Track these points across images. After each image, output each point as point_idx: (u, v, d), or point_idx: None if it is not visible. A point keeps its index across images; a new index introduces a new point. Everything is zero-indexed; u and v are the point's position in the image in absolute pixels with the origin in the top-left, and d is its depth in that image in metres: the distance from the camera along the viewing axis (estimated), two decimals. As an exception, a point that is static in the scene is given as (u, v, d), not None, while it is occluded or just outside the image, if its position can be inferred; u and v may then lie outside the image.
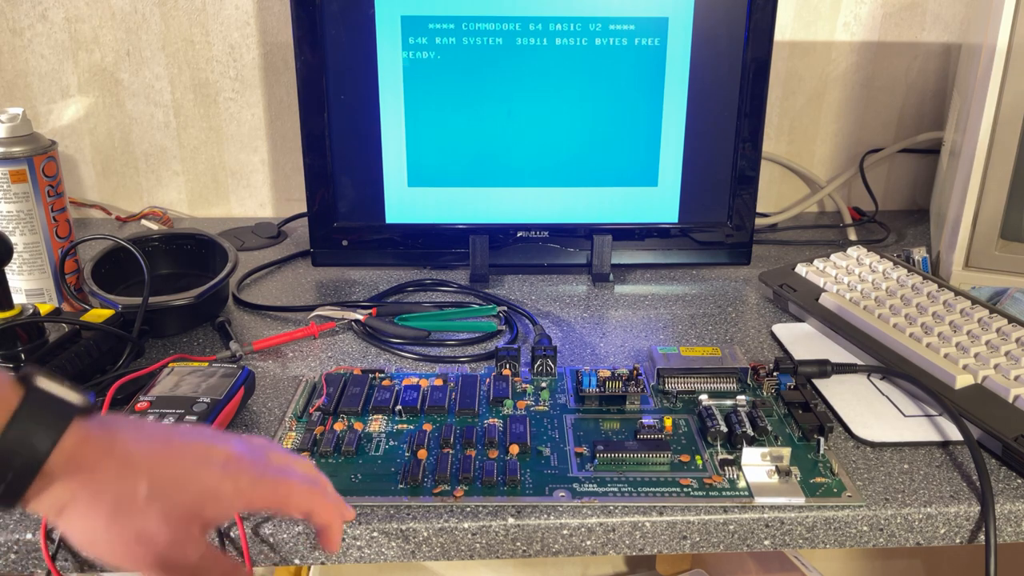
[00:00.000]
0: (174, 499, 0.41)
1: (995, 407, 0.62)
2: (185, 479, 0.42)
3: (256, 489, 0.44)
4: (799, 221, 1.13)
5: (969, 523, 0.56)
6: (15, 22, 1.02)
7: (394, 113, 0.88)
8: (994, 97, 0.77)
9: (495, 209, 0.91)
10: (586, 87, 0.87)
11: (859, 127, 1.14)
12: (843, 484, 0.57)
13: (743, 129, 0.89)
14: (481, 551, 0.55)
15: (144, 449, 0.41)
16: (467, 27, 0.85)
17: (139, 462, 0.41)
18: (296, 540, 0.53)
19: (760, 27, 0.86)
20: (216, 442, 0.44)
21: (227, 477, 0.43)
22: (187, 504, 0.41)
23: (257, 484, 0.44)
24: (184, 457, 0.42)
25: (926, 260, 0.88)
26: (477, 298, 0.87)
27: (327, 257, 0.93)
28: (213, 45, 1.04)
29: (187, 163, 1.10)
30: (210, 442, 0.44)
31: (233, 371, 0.64)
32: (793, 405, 0.65)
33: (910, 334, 0.71)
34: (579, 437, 0.62)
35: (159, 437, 0.43)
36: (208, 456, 0.43)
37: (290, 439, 0.61)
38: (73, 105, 1.06)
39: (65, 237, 0.80)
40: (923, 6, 1.08)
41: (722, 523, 0.55)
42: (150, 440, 0.42)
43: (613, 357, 0.75)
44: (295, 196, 1.12)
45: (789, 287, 0.83)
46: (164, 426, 0.46)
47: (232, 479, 0.43)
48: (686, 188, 0.92)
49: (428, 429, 0.62)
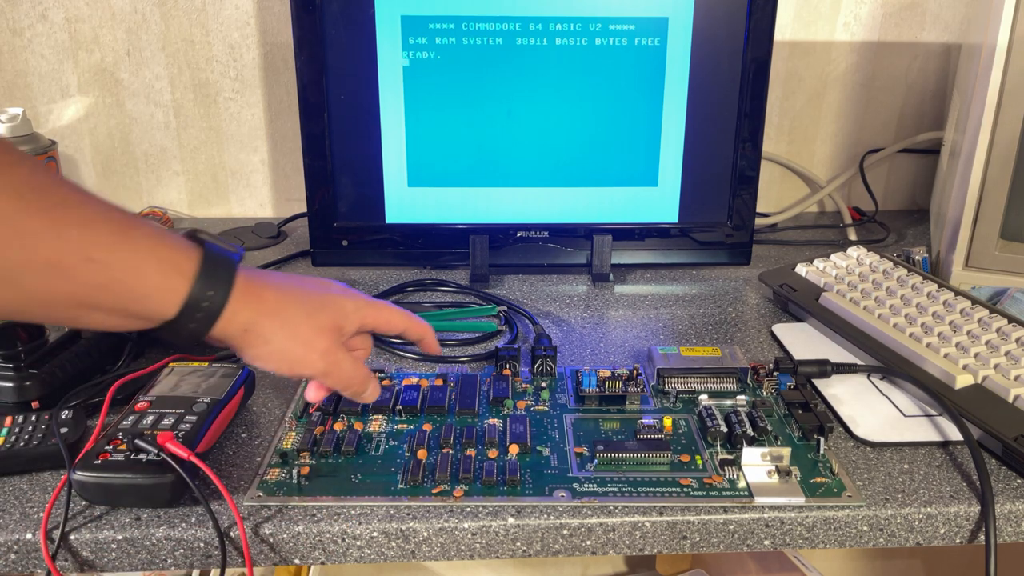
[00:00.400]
0: (321, 315, 0.53)
1: (995, 407, 0.62)
2: (325, 302, 0.54)
3: (367, 307, 0.57)
4: (799, 221, 1.13)
5: (969, 523, 0.56)
6: (15, 22, 1.02)
7: (394, 113, 0.88)
8: (994, 97, 0.77)
9: (495, 209, 0.91)
10: (586, 87, 0.87)
11: (859, 127, 1.14)
12: (843, 484, 0.57)
13: (743, 129, 0.89)
14: (481, 551, 0.55)
15: (290, 284, 0.54)
16: (467, 27, 0.85)
17: (291, 291, 0.53)
18: (296, 540, 0.53)
19: (760, 27, 0.86)
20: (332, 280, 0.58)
21: (347, 298, 0.56)
22: (330, 318, 0.54)
23: (367, 304, 0.57)
24: (317, 287, 0.55)
25: (926, 260, 0.88)
26: (477, 298, 0.87)
27: (327, 257, 0.93)
28: (213, 45, 1.04)
29: (187, 163, 1.10)
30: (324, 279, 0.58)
31: (233, 371, 0.64)
32: (793, 405, 0.65)
33: (910, 334, 0.71)
34: (579, 437, 0.62)
35: (296, 276, 0.55)
36: (329, 286, 0.57)
37: (290, 439, 0.61)
38: (73, 105, 1.06)
39: (65, 237, 0.80)
40: (923, 6, 1.08)
41: (722, 523, 0.55)
42: (290, 278, 0.54)
43: (613, 357, 0.75)
44: (295, 196, 1.12)
45: (789, 287, 0.83)
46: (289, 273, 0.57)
47: (350, 299, 0.56)
48: (686, 188, 0.92)
49: (428, 429, 0.62)
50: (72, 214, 0.43)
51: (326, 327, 0.53)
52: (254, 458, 0.60)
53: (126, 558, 0.53)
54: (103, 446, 0.54)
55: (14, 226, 0.40)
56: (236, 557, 0.53)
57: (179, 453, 0.53)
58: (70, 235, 0.42)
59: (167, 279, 0.46)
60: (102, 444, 0.55)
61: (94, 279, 0.43)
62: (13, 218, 0.40)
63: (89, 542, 0.53)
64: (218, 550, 0.52)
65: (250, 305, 0.49)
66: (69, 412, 0.60)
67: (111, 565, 0.53)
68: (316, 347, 0.52)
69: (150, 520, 0.53)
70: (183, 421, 0.57)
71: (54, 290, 0.43)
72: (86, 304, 0.44)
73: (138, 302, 0.45)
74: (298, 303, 0.52)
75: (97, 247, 0.43)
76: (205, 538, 0.53)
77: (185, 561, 0.54)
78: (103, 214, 0.44)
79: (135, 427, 0.56)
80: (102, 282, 0.44)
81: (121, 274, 0.44)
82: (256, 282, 0.50)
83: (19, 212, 0.40)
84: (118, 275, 0.44)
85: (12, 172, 0.41)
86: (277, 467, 0.58)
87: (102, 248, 0.43)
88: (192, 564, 0.54)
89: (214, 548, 0.53)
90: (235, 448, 0.61)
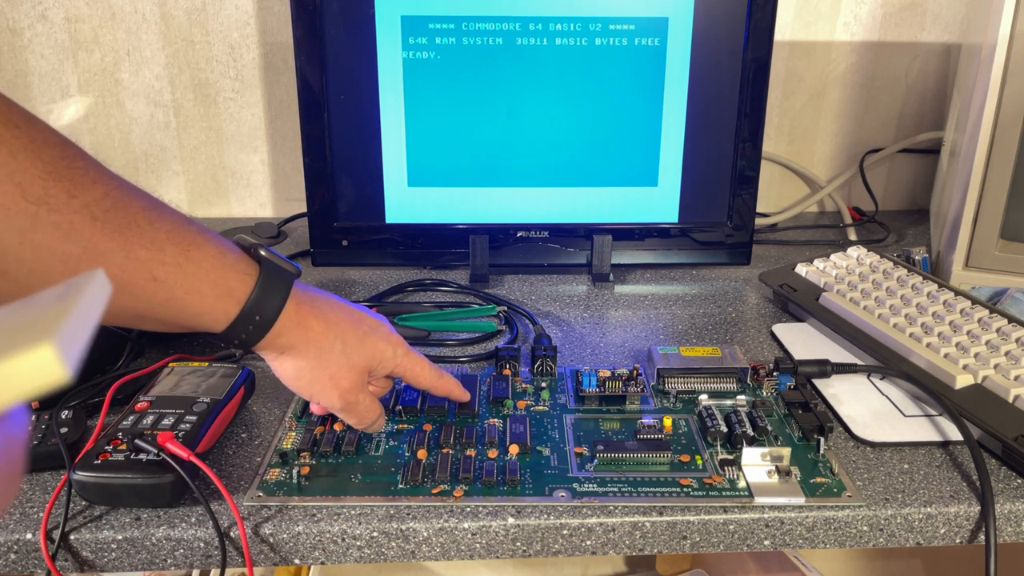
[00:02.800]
0: (357, 355, 0.55)
1: (995, 407, 0.62)
2: (365, 342, 0.55)
3: (405, 359, 0.58)
4: (799, 221, 1.13)
5: (969, 523, 0.56)
6: (15, 22, 1.02)
7: (394, 113, 0.88)
8: (994, 97, 0.77)
9: (495, 209, 0.91)
10: (586, 87, 0.87)
11: (859, 127, 1.14)
12: (843, 484, 0.57)
13: (743, 129, 0.89)
14: (481, 551, 0.55)
15: (339, 316, 0.54)
16: (467, 27, 0.85)
17: (336, 324, 0.54)
18: (296, 540, 0.53)
19: (760, 27, 0.86)
20: (380, 319, 0.58)
21: (389, 345, 0.57)
22: (364, 359, 0.55)
23: (406, 355, 0.58)
24: (363, 325, 0.56)
25: (926, 260, 0.88)
26: (477, 298, 0.87)
27: (327, 257, 0.93)
28: (213, 45, 1.04)
29: (187, 163, 1.10)
30: (377, 319, 0.58)
31: (233, 371, 0.64)
32: (793, 405, 0.65)
33: (910, 334, 0.71)
34: (579, 437, 0.62)
35: (347, 308, 0.56)
36: (377, 328, 0.57)
37: (290, 439, 0.61)
38: (73, 105, 1.06)
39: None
40: (923, 6, 1.08)
41: (722, 523, 0.55)
42: (341, 309, 0.55)
43: (613, 357, 0.75)
44: (295, 196, 1.12)
45: (789, 287, 0.83)
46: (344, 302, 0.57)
47: (392, 347, 0.57)
48: (686, 188, 0.92)
49: (428, 429, 0.62)
50: (142, 234, 0.45)
51: (358, 366, 0.55)
52: (254, 458, 0.60)
53: (126, 558, 0.53)
54: (103, 446, 0.54)
55: (87, 246, 0.42)
56: (236, 557, 0.53)
57: (179, 453, 0.53)
58: (138, 255, 0.45)
59: (220, 301, 0.48)
60: (102, 444, 0.55)
61: (156, 297, 0.46)
62: (86, 238, 0.42)
63: (89, 542, 0.53)
64: (218, 550, 0.52)
65: (294, 332, 0.52)
66: (69, 412, 0.60)
67: (111, 565, 0.53)
68: (340, 384, 0.54)
69: (150, 520, 0.53)
70: (183, 421, 0.57)
71: (119, 304, 0.45)
72: (146, 317, 0.47)
73: (192, 319, 0.48)
74: (339, 338, 0.54)
75: (162, 267, 0.46)
76: (205, 538, 0.53)
77: (185, 561, 0.54)
78: (169, 234, 0.46)
79: (135, 427, 0.56)
80: (162, 300, 0.46)
81: (180, 293, 0.47)
82: (305, 308, 0.53)
83: (93, 233, 0.43)
84: (178, 294, 0.47)
85: (89, 192, 0.43)
86: (277, 467, 0.58)
87: (165, 268, 0.46)
88: (192, 564, 0.54)
89: (214, 548, 0.53)
90: (235, 448, 0.61)
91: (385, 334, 0.57)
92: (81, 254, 0.42)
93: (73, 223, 0.42)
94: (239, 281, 0.49)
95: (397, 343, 0.58)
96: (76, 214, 0.42)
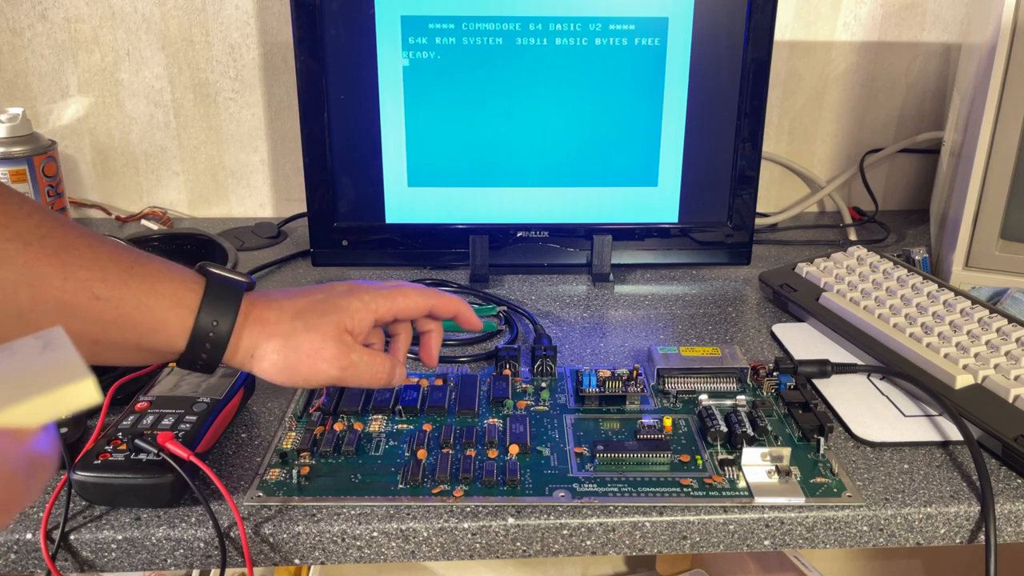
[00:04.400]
0: (322, 323, 0.53)
1: (995, 407, 0.62)
2: (326, 309, 0.54)
3: (378, 299, 0.56)
4: (799, 221, 1.13)
5: (969, 523, 0.56)
6: (15, 22, 1.02)
7: (394, 113, 0.87)
8: (994, 97, 0.77)
9: (495, 209, 0.91)
10: (586, 87, 0.87)
11: (859, 127, 1.14)
12: (843, 484, 0.57)
13: (743, 129, 0.89)
14: (481, 551, 0.55)
15: (293, 300, 0.54)
16: (467, 27, 0.85)
17: (291, 307, 0.53)
18: (296, 540, 0.53)
19: (760, 27, 0.86)
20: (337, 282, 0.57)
21: (354, 298, 0.55)
22: (332, 323, 0.53)
23: (376, 295, 0.56)
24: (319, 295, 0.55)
25: (926, 260, 0.88)
26: (477, 298, 0.87)
27: (327, 257, 0.93)
28: (213, 45, 1.04)
29: (187, 163, 1.10)
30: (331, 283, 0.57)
31: (233, 371, 0.64)
32: (793, 405, 0.65)
33: (910, 334, 0.71)
34: (579, 437, 0.62)
35: (302, 290, 0.56)
36: (333, 288, 0.56)
37: (290, 439, 0.61)
38: (73, 105, 1.06)
39: (65, 237, 0.80)
40: (923, 6, 1.08)
41: (722, 523, 0.55)
42: (296, 293, 0.55)
43: (613, 357, 0.75)
44: (295, 196, 1.12)
45: (789, 287, 0.83)
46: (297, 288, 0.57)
47: (356, 297, 0.55)
48: (686, 188, 0.92)
49: (428, 429, 0.62)
50: (80, 256, 0.46)
51: (330, 334, 0.53)
52: (254, 458, 0.60)
53: (126, 558, 0.53)
54: (103, 446, 0.54)
55: (22, 271, 0.44)
56: (236, 557, 0.53)
57: (179, 453, 0.53)
58: (77, 275, 0.45)
59: (172, 311, 0.48)
60: (102, 444, 0.55)
61: (103, 316, 0.46)
62: (20, 264, 0.44)
63: (89, 542, 0.53)
64: (218, 550, 0.52)
65: (254, 330, 0.51)
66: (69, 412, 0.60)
67: (111, 565, 0.53)
68: (323, 356, 0.52)
69: (150, 520, 0.53)
70: (183, 421, 0.57)
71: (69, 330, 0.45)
72: (100, 341, 0.47)
73: (148, 336, 0.48)
74: (298, 317, 0.53)
75: (104, 285, 0.46)
76: (205, 538, 0.53)
77: (185, 561, 0.54)
78: (110, 255, 0.47)
79: (135, 427, 0.56)
80: (111, 319, 0.46)
81: (129, 309, 0.47)
82: (259, 305, 0.52)
83: (28, 258, 0.44)
84: (126, 311, 0.46)
85: (20, 223, 0.44)
86: (277, 467, 0.58)
87: (108, 286, 0.46)
88: (192, 564, 0.54)
89: (214, 548, 0.53)
90: (235, 448, 0.61)
91: (346, 291, 0.56)
92: (18, 279, 0.43)
93: (7, 250, 0.43)
94: (188, 290, 0.49)
95: (364, 291, 0.56)
96: (9, 242, 0.43)
